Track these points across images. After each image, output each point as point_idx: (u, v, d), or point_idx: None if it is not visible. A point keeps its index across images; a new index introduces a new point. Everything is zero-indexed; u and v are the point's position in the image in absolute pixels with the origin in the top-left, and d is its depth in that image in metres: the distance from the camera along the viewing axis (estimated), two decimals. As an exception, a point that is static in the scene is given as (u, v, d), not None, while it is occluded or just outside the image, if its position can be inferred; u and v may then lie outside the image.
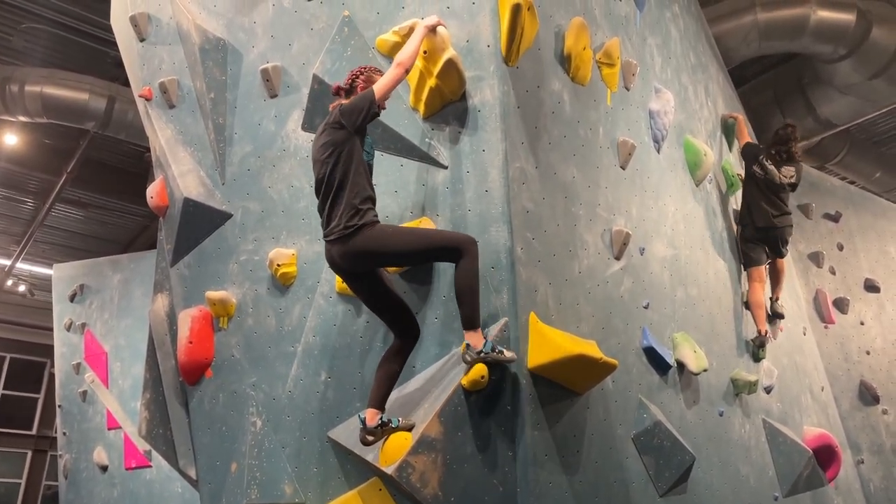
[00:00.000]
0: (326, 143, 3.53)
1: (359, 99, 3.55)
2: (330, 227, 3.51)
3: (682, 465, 4.33)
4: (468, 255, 3.46)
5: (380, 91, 3.53)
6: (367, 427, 3.48)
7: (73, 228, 14.23)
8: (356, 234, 3.44)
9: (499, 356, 3.43)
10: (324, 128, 3.61)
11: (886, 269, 8.53)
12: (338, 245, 3.49)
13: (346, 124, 3.51)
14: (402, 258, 3.67)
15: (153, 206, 5.10)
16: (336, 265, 3.60)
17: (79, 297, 10.29)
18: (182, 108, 4.93)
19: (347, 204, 3.47)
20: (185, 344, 4.55)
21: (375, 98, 3.51)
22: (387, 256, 3.57)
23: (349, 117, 3.51)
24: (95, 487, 9.40)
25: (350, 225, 3.44)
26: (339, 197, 3.48)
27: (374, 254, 3.51)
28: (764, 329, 5.90)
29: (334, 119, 3.55)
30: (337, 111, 3.57)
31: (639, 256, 4.61)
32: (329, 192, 3.51)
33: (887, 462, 7.32)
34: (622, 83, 4.77)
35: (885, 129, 10.62)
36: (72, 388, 9.97)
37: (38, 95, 9.11)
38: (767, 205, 6.14)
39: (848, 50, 7.87)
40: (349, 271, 3.61)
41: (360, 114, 3.51)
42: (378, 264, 3.64)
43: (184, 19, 4.85)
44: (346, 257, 3.50)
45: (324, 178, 3.52)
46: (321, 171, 3.55)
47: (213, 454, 4.50)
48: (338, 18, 4.32)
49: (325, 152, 3.52)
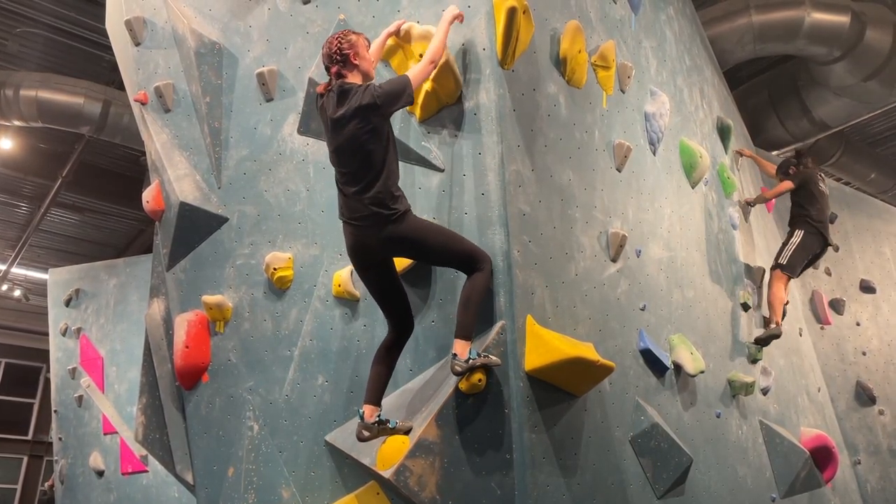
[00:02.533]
0: (365, 129, 3.41)
1: (396, 84, 3.48)
2: (366, 209, 3.42)
3: (680, 466, 4.33)
4: (484, 271, 3.52)
5: (415, 81, 3.51)
6: (365, 422, 3.46)
7: (69, 233, 14.20)
8: (400, 220, 3.42)
9: (485, 360, 3.46)
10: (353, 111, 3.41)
11: (882, 270, 8.56)
12: (374, 229, 3.43)
13: (384, 108, 3.44)
14: (432, 254, 3.61)
15: (149, 211, 5.08)
16: (365, 249, 3.52)
17: (74, 302, 10.27)
18: (178, 112, 4.92)
19: (387, 189, 3.42)
20: (182, 348, 4.54)
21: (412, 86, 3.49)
22: (421, 248, 3.55)
23: (387, 101, 3.43)
24: (92, 492, 9.36)
25: (394, 209, 3.41)
26: (378, 181, 3.41)
27: (412, 242, 3.50)
28: (779, 320, 5.92)
29: (368, 102, 3.40)
30: (370, 94, 3.41)
31: (635, 259, 4.62)
32: (366, 175, 3.42)
33: (884, 462, 7.33)
34: (618, 86, 4.78)
35: (880, 130, 10.65)
36: (68, 393, 9.94)
37: (33, 100, 9.09)
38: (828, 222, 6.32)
39: (842, 52, 7.90)
40: (377, 257, 3.55)
41: (398, 99, 3.46)
42: (408, 253, 3.65)
43: (179, 23, 4.84)
44: (384, 242, 3.45)
45: (360, 161, 3.43)
46: (358, 155, 3.43)
47: (210, 459, 4.49)
48: (333, 22, 4.32)
49: (364, 136, 3.41)
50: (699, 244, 5.47)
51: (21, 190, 12.52)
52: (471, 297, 3.48)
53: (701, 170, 5.55)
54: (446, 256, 3.59)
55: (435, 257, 3.65)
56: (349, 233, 3.54)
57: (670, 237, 5.07)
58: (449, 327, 3.76)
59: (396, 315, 3.65)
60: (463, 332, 3.46)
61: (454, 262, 3.61)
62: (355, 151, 3.44)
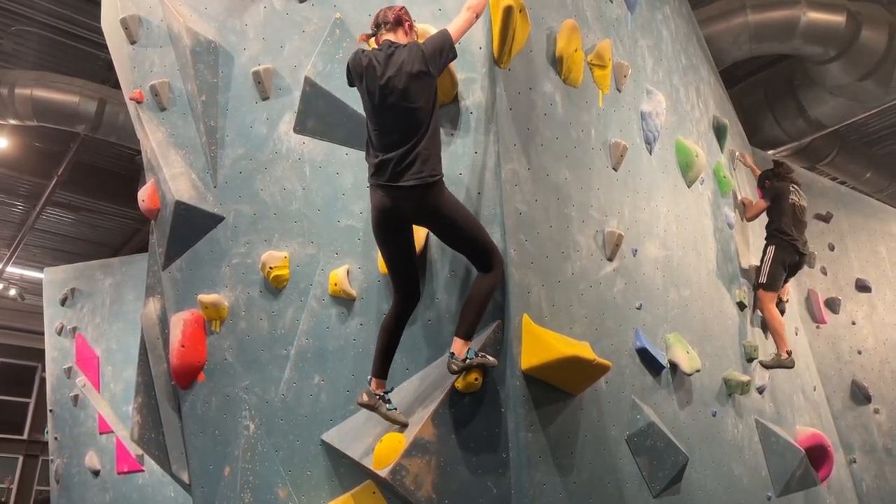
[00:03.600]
0: (418, 90, 3.36)
1: (438, 41, 3.43)
2: (410, 171, 3.32)
3: (676, 465, 4.34)
4: (495, 272, 3.51)
5: (456, 35, 3.46)
6: (370, 390, 3.50)
7: (64, 232, 14.15)
8: (438, 185, 3.37)
9: (482, 360, 3.47)
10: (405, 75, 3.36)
11: (877, 269, 8.58)
12: (414, 192, 3.34)
13: (434, 69, 3.40)
14: (458, 235, 3.53)
15: (144, 210, 5.07)
16: (395, 213, 3.42)
17: (70, 301, 10.23)
18: (173, 110, 4.91)
19: (435, 154, 3.38)
20: (178, 347, 4.53)
21: (452, 40, 3.44)
22: (451, 226, 3.48)
23: (435, 60, 3.40)
24: (87, 492, 9.33)
25: (436, 173, 3.35)
26: (424, 143, 3.35)
27: (444, 218, 3.44)
28: (787, 349, 5.90)
29: (420, 63, 3.36)
30: (420, 55, 3.38)
31: (631, 258, 4.62)
32: (412, 136, 3.35)
33: (879, 461, 7.35)
34: (614, 85, 4.78)
35: (876, 129, 10.67)
36: (63, 393, 9.91)
37: (28, 98, 9.05)
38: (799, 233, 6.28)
39: (838, 51, 7.91)
40: (405, 223, 3.49)
41: (444, 57, 3.42)
42: (436, 227, 3.55)
43: (175, 22, 4.83)
44: (419, 209, 3.39)
45: (411, 124, 3.36)
46: (409, 116, 3.36)
47: (206, 458, 4.48)
48: (329, 20, 4.32)
49: (418, 98, 3.36)
50: (695, 243, 5.48)
51: (16, 189, 12.48)
52: (477, 298, 3.47)
53: (697, 169, 5.55)
54: (470, 243, 3.52)
55: (459, 240, 3.56)
56: (381, 195, 3.42)
57: (666, 236, 5.07)
58: (445, 326, 3.76)
59: (407, 283, 3.60)
60: (464, 331, 3.46)
61: (475, 251, 3.54)
62: (407, 112, 3.37)
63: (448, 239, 3.63)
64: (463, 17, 3.52)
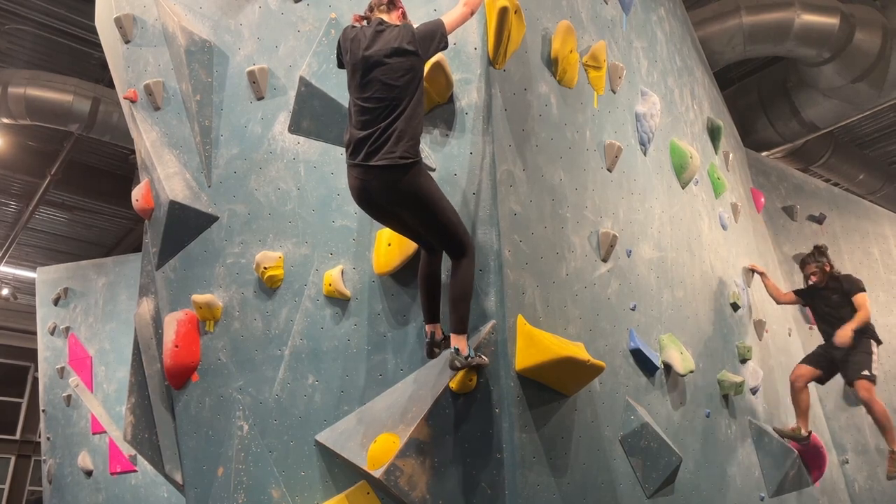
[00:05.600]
0: (401, 67, 3.32)
1: (433, 26, 3.43)
2: (381, 151, 3.25)
3: (669, 466, 4.35)
4: (469, 257, 3.47)
5: (449, 26, 3.45)
6: (435, 339, 3.48)
7: (58, 231, 14.11)
8: (413, 169, 3.27)
9: (480, 360, 3.47)
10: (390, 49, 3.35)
11: (870, 271, 8.62)
12: (385, 173, 3.25)
13: (423, 52, 3.38)
14: (434, 221, 3.41)
15: (138, 209, 5.05)
16: (368, 196, 3.37)
17: (63, 301, 10.20)
18: (168, 110, 4.90)
19: (410, 133, 3.29)
20: (171, 348, 4.52)
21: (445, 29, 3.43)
22: (426, 210, 3.37)
23: (426, 44, 3.38)
24: (80, 492, 9.31)
25: (408, 155, 3.25)
26: (400, 123, 3.28)
27: (420, 201, 3.33)
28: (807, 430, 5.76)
29: (408, 41, 3.35)
30: (410, 34, 3.37)
31: (626, 259, 4.63)
32: (390, 114, 3.28)
33: (872, 462, 7.38)
34: (609, 86, 4.79)
35: (869, 131, 10.73)
36: (56, 393, 9.88)
37: (21, 97, 9.02)
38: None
39: (832, 53, 7.95)
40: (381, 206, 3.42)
41: (434, 42, 3.40)
42: (411, 212, 3.41)
43: (169, 21, 4.82)
44: (392, 192, 3.29)
45: (390, 100, 3.30)
46: (388, 93, 3.31)
47: (200, 458, 4.47)
48: (324, 20, 4.31)
49: (400, 74, 3.31)
50: (689, 244, 5.49)
51: (9, 188, 12.43)
52: (463, 289, 3.43)
53: (691, 170, 5.57)
54: (445, 229, 3.43)
55: (435, 226, 3.44)
56: (354, 176, 3.37)
57: (660, 237, 5.08)
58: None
59: (422, 239, 3.56)
60: (462, 326, 3.43)
61: (450, 237, 3.46)
62: (387, 89, 3.32)
63: (422, 225, 3.49)
64: (458, 10, 3.51)
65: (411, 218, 3.47)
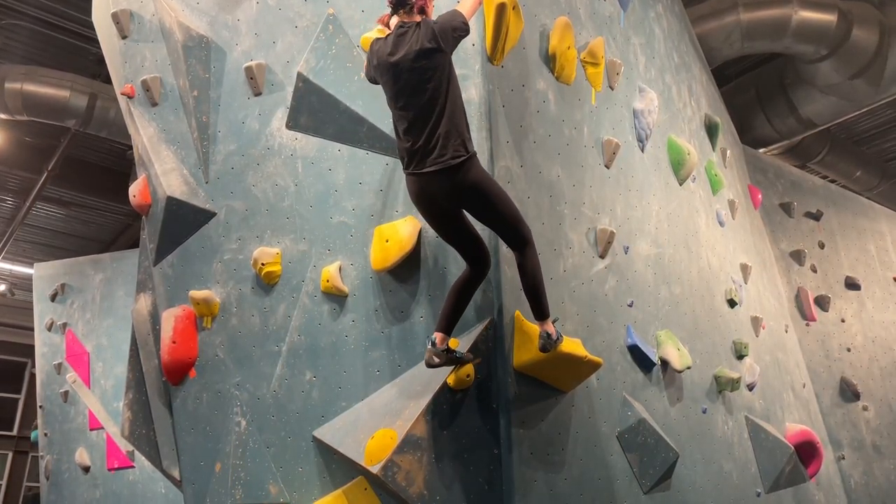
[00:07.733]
0: (427, 68, 3.29)
1: (450, 17, 3.38)
2: (432, 156, 3.25)
3: (666, 462, 4.36)
4: (532, 246, 3.47)
5: (468, 14, 3.42)
6: (436, 349, 3.41)
7: (55, 227, 14.08)
8: (468, 163, 3.25)
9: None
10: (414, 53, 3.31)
11: (867, 267, 8.64)
12: (443, 176, 3.25)
13: (445, 45, 3.32)
14: (497, 211, 3.40)
15: (136, 205, 5.05)
16: (431, 199, 3.36)
17: (60, 297, 10.19)
18: (165, 105, 4.89)
19: (456, 132, 3.26)
20: (169, 344, 4.52)
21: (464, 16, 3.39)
22: (489, 202, 3.35)
23: (448, 37, 3.32)
24: (77, 488, 9.31)
25: (459, 153, 3.23)
26: (443, 125, 3.25)
27: (481, 194, 3.32)
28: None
29: (429, 39, 3.30)
30: (429, 31, 3.32)
31: (623, 255, 4.64)
32: (429, 119, 3.27)
33: (867, 458, 7.41)
34: (606, 82, 4.79)
35: (866, 128, 10.74)
36: (53, 389, 9.87)
37: (18, 93, 8.99)
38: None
39: (829, 50, 7.95)
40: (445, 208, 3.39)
41: (455, 33, 3.35)
42: (475, 206, 3.40)
43: (167, 16, 4.81)
44: (453, 192, 3.28)
45: (425, 104, 3.28)
46: (422, 97, 3.29)
47: (197, 454, 4.47)
48: (322, 16, 4.31)
49: (428, 76, 3.28)
50: (686, 241, 5.50)
51: (6, 184, 12.40)
52: (536, 277, 3.45)
53: (689, 167, 5.57)
54: (508, 219, 3.42)
55: (498, 217, 3.43)
56: (414, 182, 3.37)
57: (658, 234, 5.09)
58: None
59: (472, 255, 3.53)
60: (544, 311, 3.47)
61: (513, 227, 3.45)
62: (420, 94, 3.31)
63: (484, 218, 3.49)
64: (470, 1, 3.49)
65: (476, 212, 3.45)
